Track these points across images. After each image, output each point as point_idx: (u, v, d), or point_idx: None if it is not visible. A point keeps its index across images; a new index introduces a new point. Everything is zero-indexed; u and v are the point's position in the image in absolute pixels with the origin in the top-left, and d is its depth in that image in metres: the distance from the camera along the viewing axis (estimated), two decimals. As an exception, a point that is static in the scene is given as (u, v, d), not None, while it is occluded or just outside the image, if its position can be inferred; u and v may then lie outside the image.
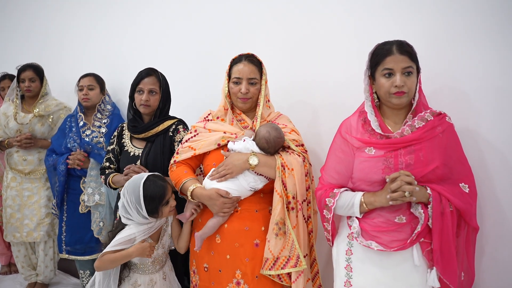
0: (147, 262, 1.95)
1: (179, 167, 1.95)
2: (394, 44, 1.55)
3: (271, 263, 1.74)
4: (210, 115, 2.02)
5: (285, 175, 1.76)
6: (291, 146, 1.85)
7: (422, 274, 1.52)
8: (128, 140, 2.33)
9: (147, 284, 1.96)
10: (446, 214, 1.48)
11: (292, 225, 1.76)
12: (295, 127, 1.97)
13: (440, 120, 1.55)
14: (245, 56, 1.92)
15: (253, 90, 1.90)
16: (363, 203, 1.57)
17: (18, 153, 3.06)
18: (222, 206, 1.77)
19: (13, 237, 3.08)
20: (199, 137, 1.95)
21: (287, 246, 1.74)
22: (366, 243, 1.55)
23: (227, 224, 1.83)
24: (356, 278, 1.60)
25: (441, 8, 1.81)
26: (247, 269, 1.79)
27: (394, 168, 1.52)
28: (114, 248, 1.88)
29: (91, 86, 2.81)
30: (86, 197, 2.70)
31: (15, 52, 4.08)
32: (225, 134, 1.90)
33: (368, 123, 1.62)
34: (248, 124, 1.93)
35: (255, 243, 1.81)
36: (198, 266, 1.93)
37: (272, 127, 1.80)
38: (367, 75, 1.64)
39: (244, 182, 1.78)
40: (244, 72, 1.88)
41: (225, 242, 1.82)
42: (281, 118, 1.99)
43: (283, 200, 1.75)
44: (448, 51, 1.80)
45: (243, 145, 1.81)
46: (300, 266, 1.73)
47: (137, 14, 3.06)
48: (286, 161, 1.78)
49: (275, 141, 1.79)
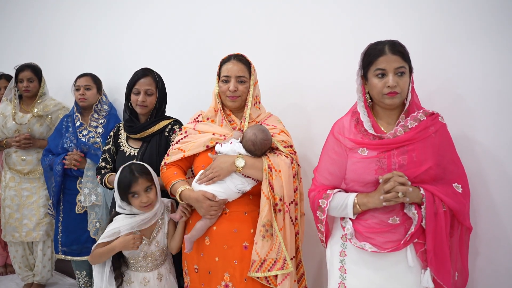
0: (138, 257, 1.96)
1: (169, 168, 1.95)
2: (387, 44, 1.55)
3: (257, 265, 1.74)
4: (200, 116, 2.02)
5: (272, 177, 1.76)
6: (279, 147, 1.84)
7: (416, 275, 1.52)
8: (124, 140, 2.33)
9: (140, 282, 1.97)
10: (439, 214, 1.47)
11: (279, 227, 1.75)
12: (284, 128, 1.96)
13: (433, 120, 1.55)
14: (234, 56, 1.93)
15: (242, 88, 1.90)
16: (356, 204, 1.56)
17: (16, 153, 3.07)
18: (209, 208, 1.77)
19: (12, 237, 3.09)
20: (188, 139, 1.95)
21: (274, 248, 1.74)
22: (360, 245, 1.54)
23: (215, 226, 1.83)
24: (350, 279, 1.60)
25: (438, 9, 1.80)
26: (236, 272, 1.79)
27: (387, 169, 1.52)
28: (102, 241, 1.92)
29: (88, 86, 2.81)
30: (83, 198, 2.70)
31: (12, 52, 4.09)
32: (214, 135, 1.89)
33: (361, 123, 1.61)
34: (237, 125, 1.93)
35: (244, 245, 1.80)
36: (189, 267, 1.93)
37: (259, 129, 1.80)
38: (359, 75, 1.63)
39: (231, 185, 1.78)
40: (233, 71, 1.89)
41: (214, 244, 1.82)
42: (271, 119, 1.99)
43: (270, 202, 1.75)
44: (445, 53, 1.79)
45: (230, 148, 1.80)
46: (287, 268, 1.72)
47: (134, 14, 3.06)
48: (273, 162, 1.78)
49: (262, 144, 1.78)
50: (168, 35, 2.86)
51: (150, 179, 1.94)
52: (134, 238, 1.88)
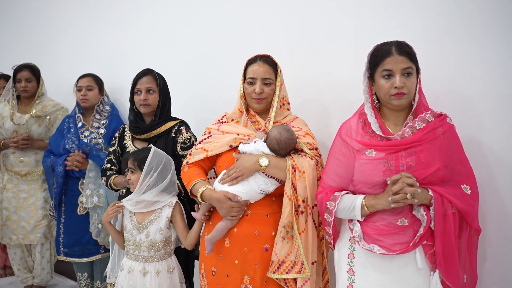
0: (127, 240, 2.05)
1: (191, 168, 1.93)
2: (393, 44, 1.54)
3: (275, 266, 1.71)
4: (224, 117, 2.00)
5: (296, 178, 1.73)
6: (304, 149, 1.81)
7: (425, 277, 1.51)
8: (130, 141, 2.32)
9: (127, 270, 2.01)
10: (448, 216, 1.47)
11: (301, 230, 1.72)
12: (310, 131, 1.93)
13: (441, 121, 1.54)
14: (260, 57, 1.91)
15: (268, 91, 1.88)
16: (364, 206, 1.55)
17: (14, 154, 3.04)
18: (230, 209, 1.74)
19: (9, 240, 3.06)
20: (212, 139, 1.93)
21: (293, 250, 1.71)
22: (368, 247, 1.53)
23: (236, 228, 1.80)
24: (358, 282, 1.58)
25: (447, 9, 1.79)
26: (256, 275, 1.76)
27: (395, 170, 1.51)
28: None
29: (90, 86, 2.79)
30: (85, 199, 2.68)
31: (11, 53, 4.05)
32: (238, 135, 1.87)
33: (368, 125, 1.60)
34: (262, 126, 1.90)
35: (265, 248, 1.78)
36: (206, 270, 1.90)
37: (284, 128, 1.77)
38: (366, 76, 1.62)
39: (254, 185, 1.75)
40: (259, 72, 1.86)
41: (234, 247, 1.79)
42: (296, 121, 1.95)
43: (292, 203, 1.72)
44: (450, 54, 1.79)
45: (253, 147, 1.78)
46: (304, 272, 1.69)
47: (135, 14, 3.04)
48: (297, 163, 1.75)
49: (286, 143, 1.76)
50: (171, 35, 2.84)
51: (138, 165, 2.01)
52: (111, 205, 2.06)
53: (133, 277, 1.98)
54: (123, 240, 2.10)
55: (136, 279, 1.97)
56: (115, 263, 2.16)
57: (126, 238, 2.06)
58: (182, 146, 2.23)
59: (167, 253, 2.05)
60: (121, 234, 2.12)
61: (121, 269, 2.06)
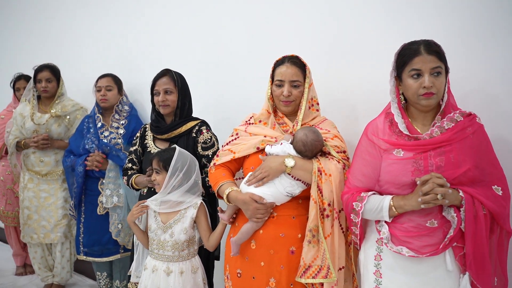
0: (152, 240, 2.05)
1: (218, 169, 1.93)
2: (422, 43, 1.51)
3: (301, 270, 1.70)
4: (252, 119, 1.98)
5: (322, 181, 1.70)
6: (331, 152, 1.79)
7: (454, 280, 1.48)
8: (151, 141, 2.32)
9: (151, 270, 2.02)
10: (479, 217, 1.43)
11: (326, 234, 1.69)
12: (339, 133, 1.90)
13: (471, 121, 1.51)
14: (288, 58, 1.88)
15: (296, 93, 1.85)
16: (392, 206, 1.52)
17: (34, 154, 3.07)
18: (255, 211, 1.73)
19: (30, 239, 3.09)
20: (239, 141, 1.92)
21: (319, 255, 1.69)
22: (397, 249, 1.50)
23: (262, 230, 1.79)
24: (385, 284, 1.56)
25: (476, 8, 1.76)
26: (282, 277, 1.74)
27: (424, 170, 1.48)
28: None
29: (109, 87, 2.81)
30: (104, 199, 2.69)
31: (31, 53, 4.10)
32: (265, 137, 1.86)
33: (395, 124, 1.58)
34: (289, 128, 1.88)
35: (291, 250, 1.76)
36: (231, 272, 1.89)
37: (310, 130, 1.76)
38: (393, 76, 1.60)
39: (280, 187, 1.74)
40: (287, 75, 1.84)
41: (260, 249, 1.78)
42: (325, 123, 1.92)
43: (318, 206, 1.70)
44: (481, 53, 1.75)
45: (280, 148, 1.77)
46: (330, 277, 1.67)
47: (155, 14, 3.04)
48: (323, 166, 1.73)
49: (313, 144, 1.74)
50: (191, 34, 2.83)
51: (163, 166, 2.00)
52: (137, 205, 2.08)
53: (157, 277, 1.98)
54: (147, 240, 2.10)
55: (160, 278, 1.97)
56: (139, 263, 2.16)
57: (150, 237, 2.06)
58: (203, 146, 2.22)
59: (190, 253, 2.05)
60: (146, 233, 2.12)
61: (144, 268, 2.07)
